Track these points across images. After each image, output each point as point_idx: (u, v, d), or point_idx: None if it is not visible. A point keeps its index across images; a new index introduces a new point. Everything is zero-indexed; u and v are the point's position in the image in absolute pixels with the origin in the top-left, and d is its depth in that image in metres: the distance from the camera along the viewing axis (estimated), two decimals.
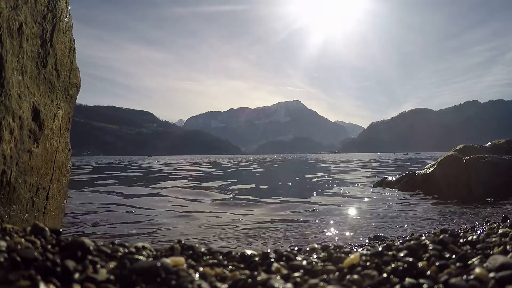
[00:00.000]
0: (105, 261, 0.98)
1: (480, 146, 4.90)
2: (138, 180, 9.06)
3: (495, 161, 4.04)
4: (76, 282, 0.81)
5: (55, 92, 2.30)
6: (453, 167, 4.34)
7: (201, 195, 5.48)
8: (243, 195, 5.39)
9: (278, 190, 6.32)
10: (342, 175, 9.96)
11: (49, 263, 0.86)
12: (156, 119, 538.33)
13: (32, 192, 2.04)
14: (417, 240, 1.30)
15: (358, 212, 3.80)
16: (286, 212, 3.82)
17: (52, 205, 2.34)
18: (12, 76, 1.77)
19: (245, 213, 3.78)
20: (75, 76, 2.58)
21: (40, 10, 2.05)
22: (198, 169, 14.45)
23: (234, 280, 0.94)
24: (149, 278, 0.87)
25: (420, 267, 1.00)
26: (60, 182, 2.46)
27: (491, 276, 0.88)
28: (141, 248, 1.17)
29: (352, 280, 0.93)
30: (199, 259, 1.17)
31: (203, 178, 9.59)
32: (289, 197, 5.11)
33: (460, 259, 1.08)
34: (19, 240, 1.06)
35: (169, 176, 10.63)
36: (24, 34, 1.88)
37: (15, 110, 1.80)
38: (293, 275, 0.99)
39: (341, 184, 7.14)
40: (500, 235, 1.47)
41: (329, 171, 12.05)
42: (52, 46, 2.20)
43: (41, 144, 2.10)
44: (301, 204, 4.38)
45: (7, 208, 1.80)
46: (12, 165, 1.79)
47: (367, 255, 1.15)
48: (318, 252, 1.32)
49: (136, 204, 4.56)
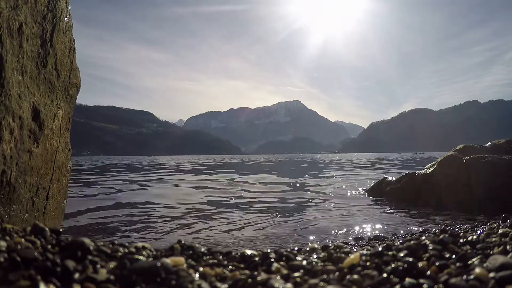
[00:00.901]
0: (105, 261, 0.98)
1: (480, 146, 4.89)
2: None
3: (495, 161, 4.04)
4: (76, 282, 0.81)
5: (55, 92, 2.30)
6: (453, 167, 4.33)
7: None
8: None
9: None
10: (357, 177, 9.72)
11: (49, 263, 0.86)
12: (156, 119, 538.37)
13: (32, 192, 2.04)
14: (417, 240, 1.30)
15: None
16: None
17: (52, 205, 2.34)
18: (12, 76, 1.77)
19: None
20: (75, 76, 2.58)
21: (40, 10, 2.05)
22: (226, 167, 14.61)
23: (234, 280, 0.94)
24: (149, 278, 0.87)
25: (420, 267, 1.00)
26: (60, 182, 2.46)
27: (491, 276, 0.87)
28: (141, 248, 1.17)
29: (352, 280, 0.93)
30: (199, 259, 1.16)
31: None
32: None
33: (460, 259, 1.08)
34: (19, 240, 1.06)
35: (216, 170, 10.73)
36: (24, 34, 1.88)
37: (15, 110, 1.80)
38: (293, 275, 0.99)
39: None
40: (500, 235, 1.47)
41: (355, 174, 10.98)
42: (52, 46, 2.20)
43: (41, 144, 2.10)
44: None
45: (7, 208, 1.80)
46: (12, 165, 1.79)
47: (367, 255, 1.15)
48: (318, 252, 1.32)
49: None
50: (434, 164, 4.73)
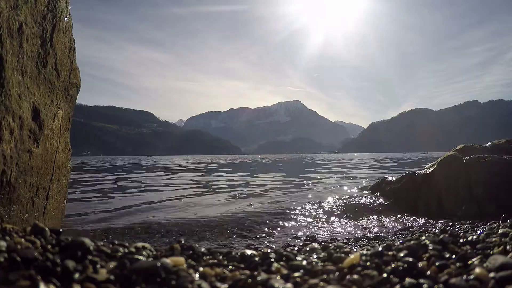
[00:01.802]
0: (105, 261, 0.97)
1: (480, 146, 4.89)
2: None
3: (495, 161, 4.04)
4: (76, 282, 0.81)
5: (55, 92, 2.30)
6: (453, 167, 4.33)
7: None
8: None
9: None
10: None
11: (49, 263, 0.86)
12: (156, 119, 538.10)
13: (32, 192, 2.04)
14: (417, 240, 1.30)
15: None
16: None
17: (52, 205, 2.34)
18: (12, 76, 1.77)
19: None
20: (75, 76, 2.58)
21: (40, 10, 2.05)
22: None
23: (234, 280, 0.94)
24: (149, 278, 0.87)
25: (420, 267, 1.00)
26: (60, 182, 2.46)
27: (491, 276, 0.87)
28: (141, 248, 1.17)
29: (352, 280, 0.93)
30: (199, 259, 1.16)
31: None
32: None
33: (460, 259, 1.08)
34: (19, 240, 1.06)
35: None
36: (24, 34, 1.88)
37: (15, 110, 1.80)
38: (293, 275, 0.99)
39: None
40: (500, 235, 1.47)
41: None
42: (52, 46, 2.20)
43: (41, 144, 2.10)
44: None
45: (7, 208, 1.80)
46: (12, 165, 1.79)
47: (367, 255, 1.15)
48: (318, 252, 1.32)
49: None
50: (434, 164, 4.73)
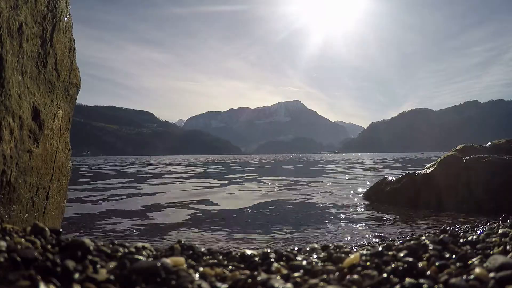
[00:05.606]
0: (105, 261, 0.97)
1: (480, 146, 4.89)
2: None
3: (495, 161, 4.04)
4: (76, 282, 0.81)
5: (55, 92, 2.30)
6: (453, 167, 4.33)
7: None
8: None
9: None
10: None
11: (49, 263, 0.86)
12: (156, 119, 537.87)
13: (32, 192, 2.04)
14: (417, 240, 1.30)
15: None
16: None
17: (52, 205, 2.34)
18: (12, 76, 1.77)
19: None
20: (75, 76, 2.58)
21: (40, 10, 2.05)
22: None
23: (234, 280, 0.94)
24: (149, 278, 0.87)
25: (420, 267, 1.00)
26: (60, 182, 2.46)
27: (491, 276, 0.87)
28: (141, 248, 1.17)
29: (352, 280, 0.93)
30: (199, 259, 1.16)
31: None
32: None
33: (460, 259, 1.08)
34: (19, 240, 1.06)
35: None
36: (24, 34, 1.88)
37: (15, 110, 1.80)
38: (293, 275, 0.99)
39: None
40: (500, 235, 1.47)
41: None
42: (52, 46, 2.20)
43: (41, 144, 2.10)
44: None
45: (7, 208, 1.80)
46: (12, 165, 1.79)
47: (367, 255, 1.15)
48: (318, 252, 1.32)
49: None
50: (434, 164, 4.73)
